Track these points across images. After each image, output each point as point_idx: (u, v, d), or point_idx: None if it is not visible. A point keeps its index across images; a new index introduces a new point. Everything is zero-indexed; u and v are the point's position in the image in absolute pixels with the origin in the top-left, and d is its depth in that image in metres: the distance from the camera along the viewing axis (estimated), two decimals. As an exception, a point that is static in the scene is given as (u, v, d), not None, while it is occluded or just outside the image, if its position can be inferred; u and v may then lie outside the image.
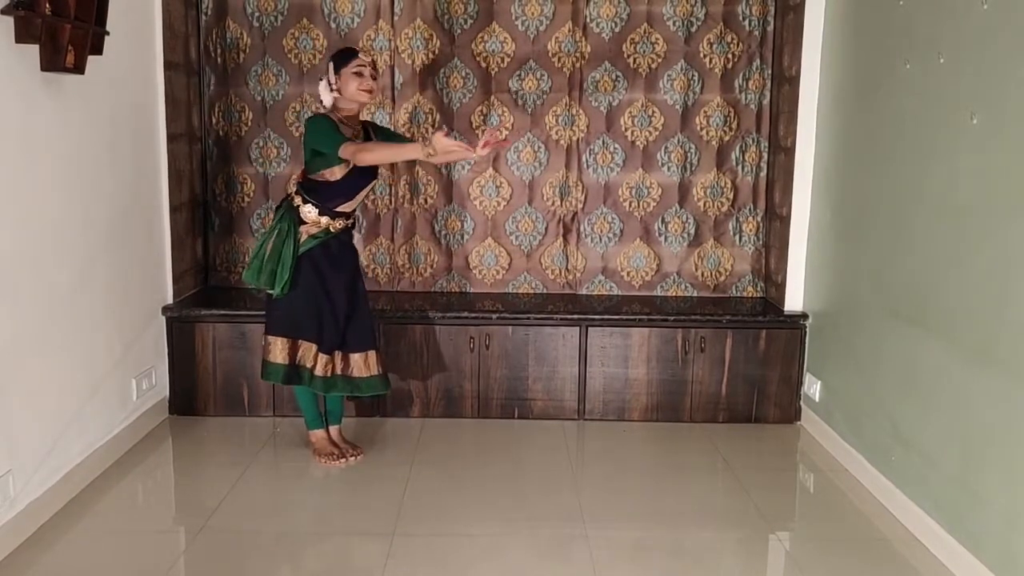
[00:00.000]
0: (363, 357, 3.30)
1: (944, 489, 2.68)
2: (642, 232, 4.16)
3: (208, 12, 4.01)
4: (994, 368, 2.43)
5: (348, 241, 3.33)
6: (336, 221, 3.21)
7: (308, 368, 3.27)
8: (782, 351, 3.82)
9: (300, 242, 3.18)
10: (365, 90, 3.13)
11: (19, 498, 2.67)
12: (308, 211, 3.17)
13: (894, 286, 3.03)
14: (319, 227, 3.19)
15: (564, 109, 4.07)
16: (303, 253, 3.18)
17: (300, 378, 3.29)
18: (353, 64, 3.12)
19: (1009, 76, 2.36)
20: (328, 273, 3.22)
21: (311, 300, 3.21)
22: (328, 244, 3.22)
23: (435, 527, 2.86)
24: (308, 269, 3.19)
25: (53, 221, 2.86)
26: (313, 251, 3.19)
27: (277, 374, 3.27)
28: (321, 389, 3.28)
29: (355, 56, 3.15)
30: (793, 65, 3.76)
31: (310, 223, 3.18)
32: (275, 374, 3.28)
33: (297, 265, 3.17)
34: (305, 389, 3.33)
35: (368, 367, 3.30)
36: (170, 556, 2.64)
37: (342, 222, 3.24)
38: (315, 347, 3.25)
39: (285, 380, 3.28)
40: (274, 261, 3.16)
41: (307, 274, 3.19)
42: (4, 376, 2.59)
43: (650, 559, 2.68)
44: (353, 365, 3.29)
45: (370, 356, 3.31)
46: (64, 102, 2.91)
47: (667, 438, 3.71)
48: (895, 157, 3.04)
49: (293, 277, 3.17)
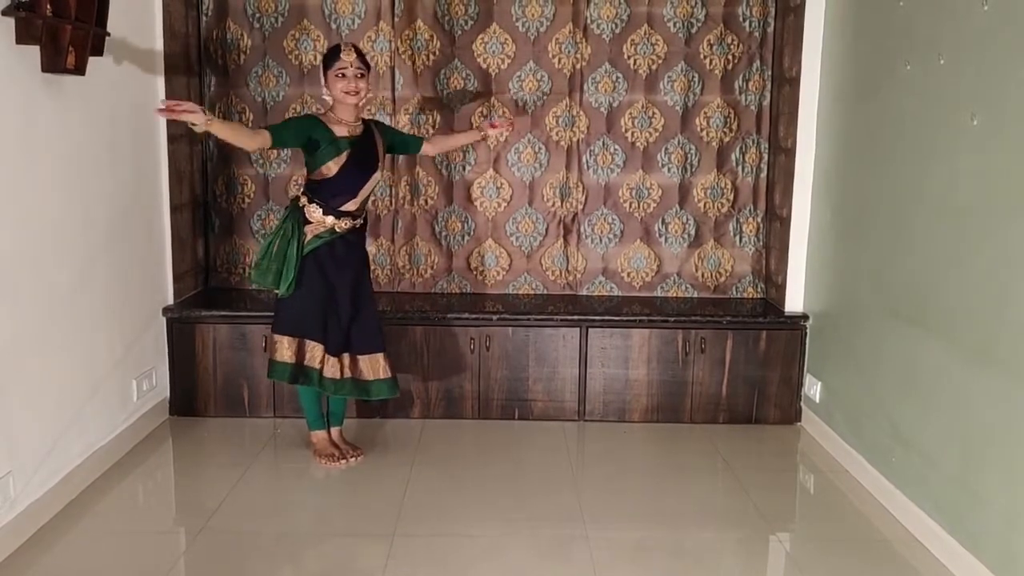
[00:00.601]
0: (369, 360, 3.28)
1: (944, 489, 2.68)
2: (642, 233, 4.16)
3: (208, 13, 4.01)
4: (994, 368, 2.43)
5: (356, 242, 3.30)
6: (342, 221, 3.19)
7: (316, 368, 3.26)
8: (782, 352, 3.82)
9: (305, 242, 3.17)
10: (348, 92, 3.09)
11: (19, 499, 2.67)
12: (313, 210, 3.16)
13: (894, 287, 3.03)
14: (324, 227, 3.17)
15: (564, 110, 4.07)
16: (308, 253, 3.17)
17: (307, 378, 3.28)
18: (335, 66, 3.09)
19: (1009, 77, 2.36)
20: (332, 273, 3.20)
21: (316, 300, 3.20)
22: (334, 244, 3.20)
23: (435, 528, 2.86)
24: (313, 269, 3.18)
25: (53, 221, 2.87)
26: (319, 251, 3.18)
27: (284, 373, 3.27)
28: (331, 391, 3.27)
29: (337, 57, 3.10)
30: (793, 66, 3.76)
31: (315, 223, 3.17)
32: (281, 373, 3.27)
33: (302, 265, 3.17)
34: (309, 389, 3.32)
35: (375, 370, 3.29)
36: (170, 557, 2.64)
37: (348, 222, 3.20)
38: (322, 348, 3.24)
39: (291, 379, 3.28)
40: (279, 261, 3.16)
41: (311, 274, 3.18)
42: (4, 377, 2.59)
43: (650, 560, 2.68)
44: (362, 367, 3.28)
45: (377, 359, 3.28)
46: (65, 103, 2.91)
47: (667, 439, 3.71)
48: (895, 158, 3.04)
49: (298, 277, 3.17)
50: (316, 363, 3.25)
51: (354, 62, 3.10)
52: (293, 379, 3.28)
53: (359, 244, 3.33)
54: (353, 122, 3.18)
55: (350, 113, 3.17)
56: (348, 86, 3.08)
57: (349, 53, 3.11)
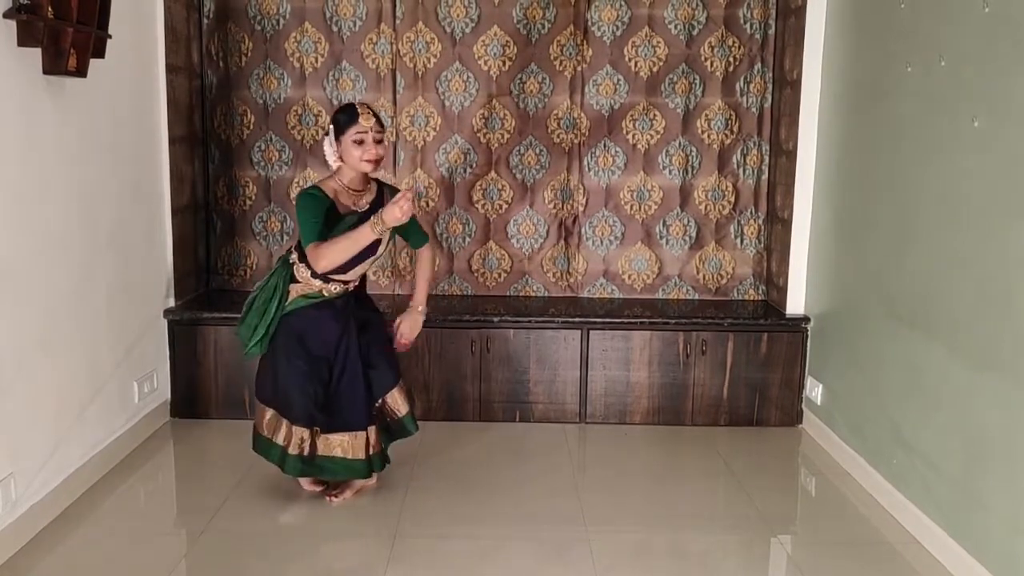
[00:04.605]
0: (348, 439, 2.92)
1: (946, 492, 2.68)
2: (643, 235, 4.16)
3: (210, 15, 4.01)
4: (996, 371, 2.42)
5: (346, 305, 2.95)
6: (331, 286, 2.90)
7: (280, 445, 2.95)
8: (783, 354, 3.82)
9: (288, 300, 2.89)
10: (368, 160, 2.78)
11: (21, 501, 2.67)
12: (302, 271, 2.87)
13: (896, 289, 3.03)
14: (312, 289, 2.89)
15: (565, 112, 4.07)
16: (290, 312, 2.89)
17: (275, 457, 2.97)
18: (353, 131, 2.76)
19: (1010, 78, 2.36)
20: (313, 338, 2.89)
21: (291, 366, 2.88)
22: (320, 307, 2.90)
23: (436, 529, 2.86)
24: (289, 331, 2.89)
25: (55, 224, 2.87)
26: (303, 310, 2.89)
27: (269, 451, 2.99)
28: (294, 472, 2.94)
29: (355, 121, 2.76)
30: (794, 68, 3.76)
31: (303, 283, 2.88)
32: (265, 449, 3.00)
33: (280, 325, 2.89)
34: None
35: (344, 449, 2.92)
36: (172, 559, 2.64)
37: (339, 287, 2.92)
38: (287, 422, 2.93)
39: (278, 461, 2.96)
40: (257, 316, 2.90)
41: (287, 336, 2.89)
42: (6, 378, 2.59)
43: (651, 562, 2.67)
44: (320, 445, 2.92)
45: (357, 439, 2.92)
46: (66, 105, 2.92)
47: (668, 441, 3.71)
48: (897, 160, 3.04)
49: (273, 337, 2.90)
50: (281, 439, 2.94)
51: (374, 127, 2.78)
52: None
53: (357, 303, 3.02)
54: (360, 189, 2.89)
55: (359, 180, 2.88)
56: (367, 154, 2.77)
57: (368, 117, 2.78)
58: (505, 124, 4.07)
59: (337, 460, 2.93)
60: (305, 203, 2.77)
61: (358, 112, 2.79)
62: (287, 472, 2.95)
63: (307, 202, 2.77)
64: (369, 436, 2.95)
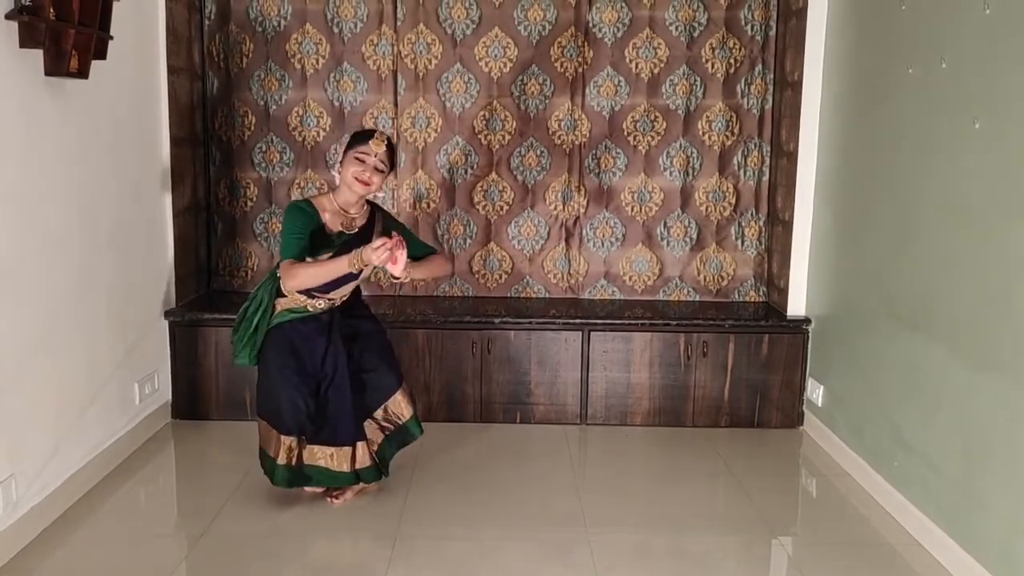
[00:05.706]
0: (332, 451, 2.93)
1: (946, 493, 2.68)
2: (644, 236, 4.16)
3: (211, 17, 4.02)
4: (996, 372, 2.42)
5: (331, 319, 2.93)
6: (316, 301, 2.88)
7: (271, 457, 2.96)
8: (784, 356, 3.82)
9: (274, 314, 2.89)
10: (359, 180, 2.76)
11: (21, 502, 2.67)
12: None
13: (896, 291, 3.03)
14: (297, 303, 2.88)
15: (566, 114, 4.07)
16: (277, 325, 2.88)
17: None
18: (359, 148, 2.79)
19: (1012, 80, 2.36)
20: (301, 350, 2.89)
21: (281, 378, 2.88)
22: (306, 321, 2.89)
23: (437, 531, 2.86)
24: (278, 343, 2.88)
25: (56, 224, 2.87)
26: (289, 324, 2.88)
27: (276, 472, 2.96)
28: (282, 483, 2.93)
29: (366, 141, 2.80)
30: (795, 70, 3.76)
31: (289, 297, 2.86)
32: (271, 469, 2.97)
33: (268, 338, 2.89)
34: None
35: (329, 461, 2.93)
36: (172, 560, 2.64)
37: (325, 303, 2.90)
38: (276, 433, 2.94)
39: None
40: (245, 329, 2.91)
41: (277, 348, 2.88)
42: (6, 380, 2.59)
43: (652, 563, 2.67)
44: (305, 457, 2.94)
45: (341, 452, 2.92)
46: (67, 106, 2.92)
47: (669, 443, 3.71)
48: (897, 161, 3.04)
49: (264, 350, 2.90)
50: (271, 450, 2.94)
51: (381, 155, 2.80)
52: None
53: (344, 319, 2.97)
54: (351, 213, 2.87)
55: (351, 202, 2.86)
56: (361, 174, 2.77)
57: (380, 144, 2.80)
58: (506, 125, 4.07)
59: (321, 469, 2.95)
60: (292, 216, 2.78)
61: (374, 135, 2.83)
62: (276, 484, 2.94)
63: (294, 216, 2.77)
64: (356, 451, 2.95)
